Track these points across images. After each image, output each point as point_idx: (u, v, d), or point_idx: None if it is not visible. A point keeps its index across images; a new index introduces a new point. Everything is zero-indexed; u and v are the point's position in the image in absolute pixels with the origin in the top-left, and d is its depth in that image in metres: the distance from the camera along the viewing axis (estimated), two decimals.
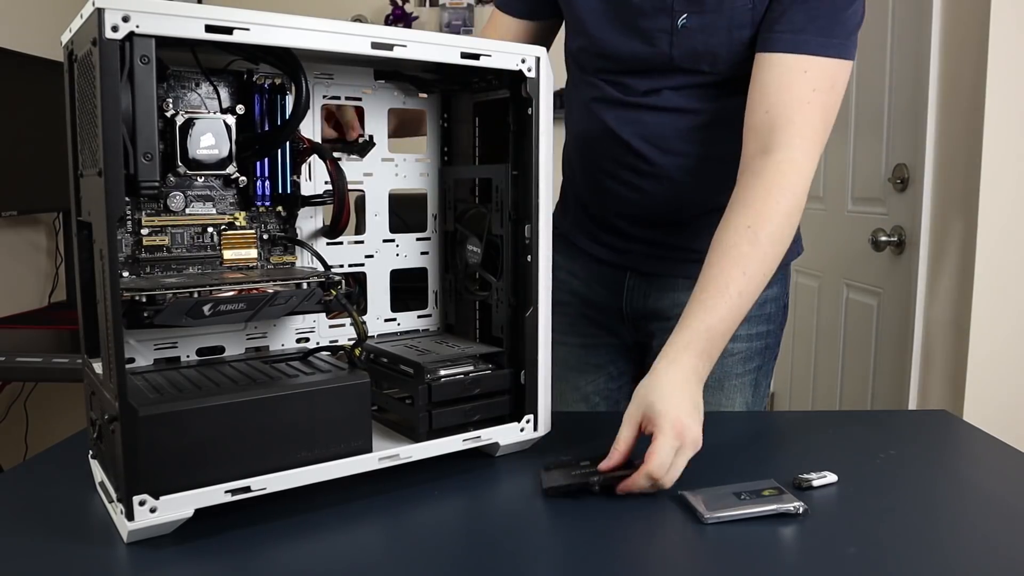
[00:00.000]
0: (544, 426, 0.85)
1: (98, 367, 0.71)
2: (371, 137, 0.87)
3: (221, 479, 0.66)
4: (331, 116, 0.88)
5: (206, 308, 0.69)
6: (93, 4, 0.59)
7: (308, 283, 0.74)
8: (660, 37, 0.96)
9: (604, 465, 0.75)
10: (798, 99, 0.90)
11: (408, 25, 2.84)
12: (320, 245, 0.86)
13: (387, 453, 0.75)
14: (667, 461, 0.73)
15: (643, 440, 0.76)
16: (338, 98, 0.86)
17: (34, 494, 0.74)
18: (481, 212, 0.88)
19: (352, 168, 0.87)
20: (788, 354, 2.70)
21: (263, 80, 0.79)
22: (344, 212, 0.83)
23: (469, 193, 0.92)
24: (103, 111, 0.59)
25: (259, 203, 0.81)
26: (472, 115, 0.91)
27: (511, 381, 0.84)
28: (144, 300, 0.66)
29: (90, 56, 0.61)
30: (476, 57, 0.77)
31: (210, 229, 0.79)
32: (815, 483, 0.76)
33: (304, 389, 0.70)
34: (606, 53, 1.01)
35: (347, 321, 0.87)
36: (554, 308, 0.86)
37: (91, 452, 0.77)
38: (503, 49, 0.78)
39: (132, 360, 0.76)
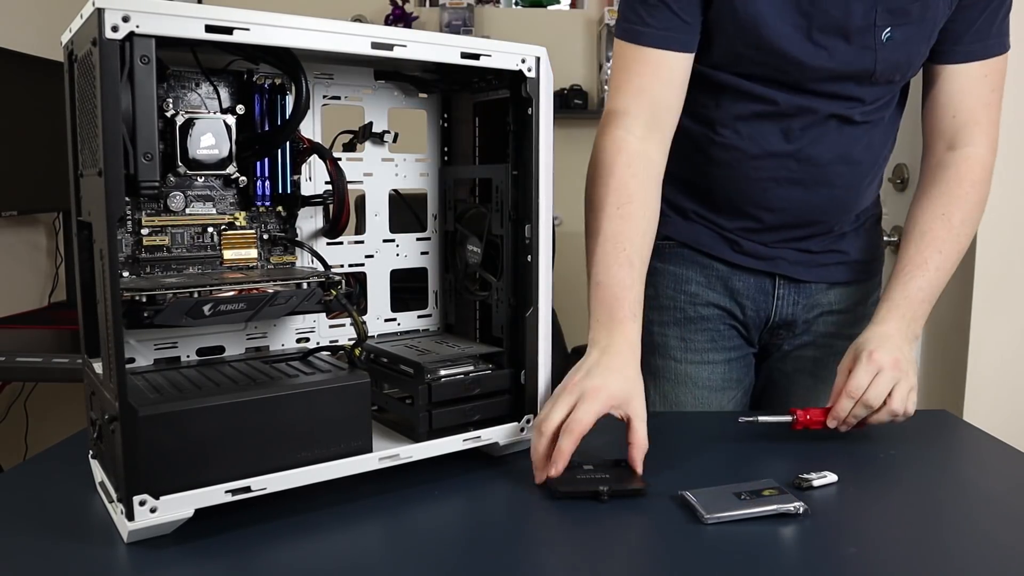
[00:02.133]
0: None
1: (98, 367, 0.71)
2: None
3: (221, 479, 0.66)
4: None
5: (206, 308, 0.69)
6: (93, 4, 0.59)
7: (308, 283, 0.74)
8: (864, 54, 0.94)
9: (832, 416, 0.87)
10: (981, 102, 0.98)
11: (408, 25, 2.84)
12: (320, 245, 0.86)
13: (387, 453, 0.75)
14: (884, 391, 0.84)
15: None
16: (338, 98, 0.86)
17: (34, 494, 0.74)
18: (481, 212, 0.88)
19: (352, 168, 0.87)
20: None
21: (263, 80, 0.79)
22: (344, 212, 0.83)
23: (469, 193, 0.92)
24: (103, 111, 0.59)
25: (259, 203, 0.81)
26: (472, 115, 0.91)
27: (511, 381, 0.84)
28: (144, 300, 0.66)
29: (90, 56, 0.61)
30: (476, 57, 0.77)
31: (210, 229, 0.79)
32: (815, 483, 0.76)
33: (304, 389, 0.70)
34: (798, 68, 0.95)
35: (347, 321, 0.87)
36: (691, 325, 0.86)
37: (91, 452, 0.77)
38: (503, 49, 0.78)
39: (132, 360, 0.76)
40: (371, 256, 0.90)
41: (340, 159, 0.85)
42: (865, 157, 1.02)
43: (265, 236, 0.82)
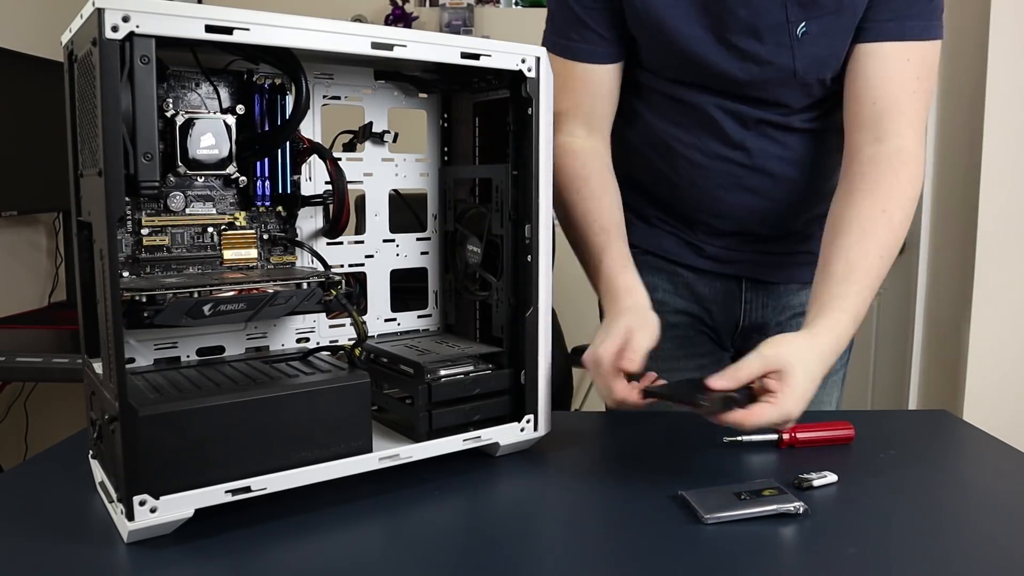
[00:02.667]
0: (544, 426, 0.85)
1: (98, 367, 0.71)
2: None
3: (221, 479, 0.66)
4: None
5: (206, 308, 0.69)
6: (93, 4, 0.59)
7: (308, 283, 0.74)
8: (781, 53, 0.91)
9: (715, 383, 0.74)
10: (904, 89, 0.89)
11: (408, 25, 2.84)
12: (320, 245, 0.86)
13: (387, 453, 0.75)
14: (777, 419, 0.74)
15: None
16: (338, 98, 0.86)
17: (34, 494, 0.74)
18: (481, 212, 0.88)
19: (352, 168, 0.87)
20: None
21: (263, 80, 0.79)
22: (344, 212, 0.83)
23: (469, 193, 0.92)
24: (103, 111, 0.59)
25: (259, 203, 0.81)
26: (472, 115, 0.91)
27: (511, 381, 0.84)
28: (144, 300, 0.66)
29: (90, 56, 0.61)
30: (476, 57, 0.77)
31: (210, 229, 0.79)
32: (815, 483, 0.76)
33: (304, 389, 0.70)
34: (719, 76, 0.93)
35: (347, 321, 0.87)
36: (660, 333, 0.84)
37: (91, 452, 0.77)
38: (503, 49, 0.78)
39: (132, 360, 0.76)
40: (371, 256, 0.90)
41: (340, 159, 0.85)
42: (821, 161, 0.99)
43: (265, 236, 0.82)
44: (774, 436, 0.86)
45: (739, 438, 0.86)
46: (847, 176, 0.91)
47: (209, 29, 0.63)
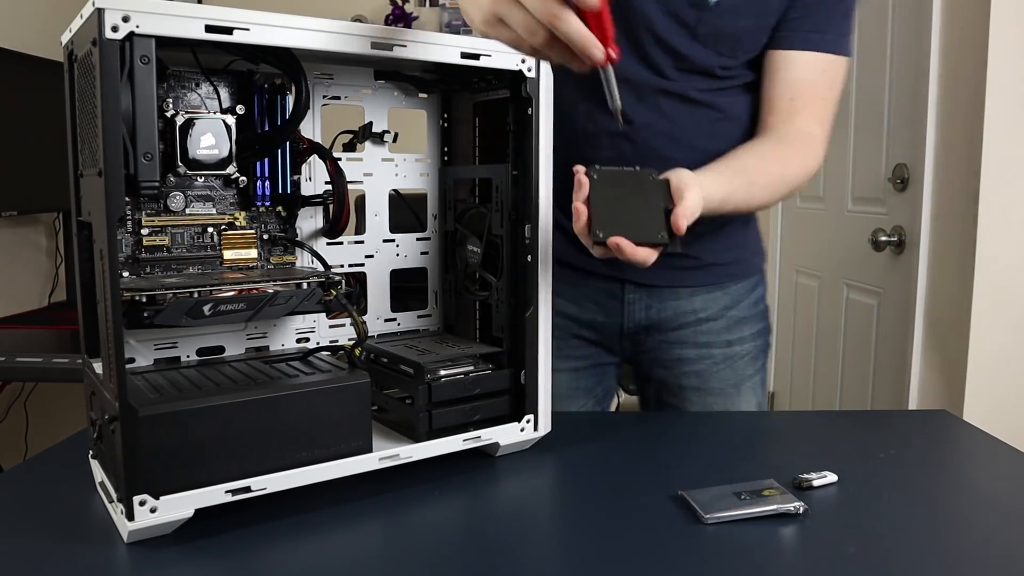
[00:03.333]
0: (544, 426, 0.85)
1: (98, 367, 0.71)
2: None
3: (221, 479, 0.66)
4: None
5: (206, 308, 0.69)
6: (93, 4, 0.59)
7: (308, 283, 0.74)
8: (688, 12, 0.92)
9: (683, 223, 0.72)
10: (818, 96, 0.98)
11: (408, 25, 2.84)
12: (320, 245, 0.86)
13: (387, 453, 0.75)
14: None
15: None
16: (338, 98, 0.86)
17: (34, 494, 0.74)
18: (481, 212, 0.88)
19: (352, 168, 0.87)
20: (788, 354, 2.70)
21: (263, 80, 0.79)
22: (344, 212, 0.83)
23: (469, 193, 0.92)
24: (103, 111, 0.59)
25: (259, 203, 0.81)
26: (472, 115, 0.91)
27: (511, 381, 0.84)
28: (144, 300, 0.66)
29: (90, 56, 0.61)
30: (476, 57, 0.77)
31: (210, 229, 0.79)
32: (815, 483, 0.76)
33: (304, 389, 0.70)
34: (642, 18, 0.94)
35: (347, 321, 0.87)
36: None
37: (91, 452, 0.77)
38: (503, 49, 0.78)
39: (132, 360, 0.76)
40: (371, 256, 0.90)
41: (340, 159, 0.85)
42: (710, 147, 0.97)
43: (265, 236, 0.82)
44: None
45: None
46: (755, 136, 0.98)
47: (209, 29, 0.63)
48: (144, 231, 0.75)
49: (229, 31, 0.64)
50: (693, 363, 1.09)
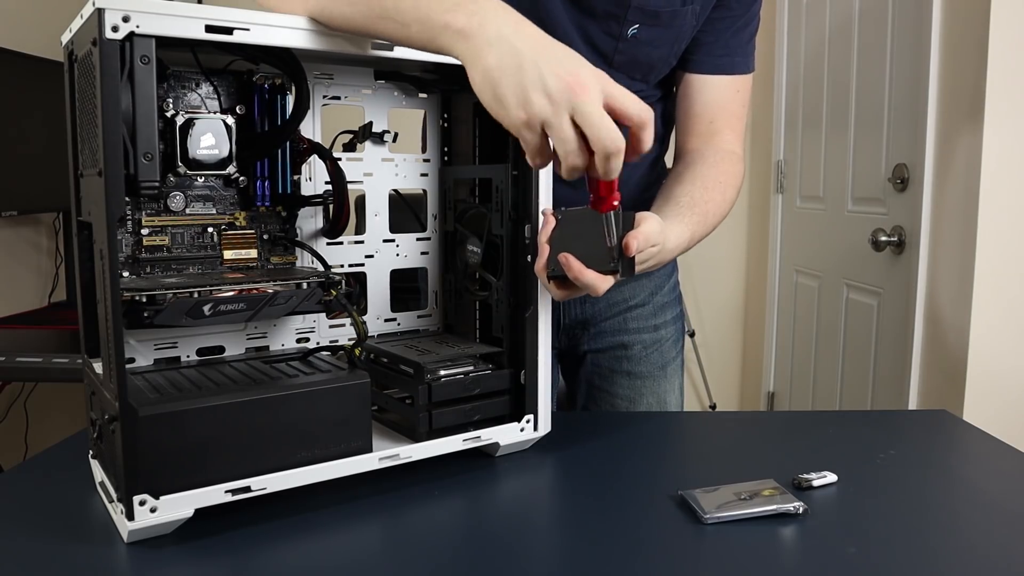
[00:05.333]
0: (544, 426, 0.85)
1: (98, 367, 0.71)
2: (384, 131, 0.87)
3: (221, 479, 0.66)
4: None
5: (206, 308, 0.69)
6: (93, 4, 0.59)
7: (308, 283, 0.74)
8: (605, 41, 0.95)
9: (632, 248, 0.72)
10: (734, 114, 1.05)
11: None
12: (320, 245, 0.86)
13: (387, 453, 0.75)
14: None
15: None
16: (338, 98, 0.86)
17: (34, 494, 0.74)
18: (481, 212, 0.88)
19: (352, 168, 0.87)
20: (788, 354, 2.70)
21: (263, 80, 0.79)
22: (344, 212, 0.83)
23: (469, 193, 0.92)
24: (103, 111, 0.59)
25: (259, 203, 0.81)
26: (472, 115, 0.90)
27: (511, 381, 0.84)
28: (144, 300, 0.66)
29: (90, 56, 0.61)
30: None
31: (210, 229, 0.79)
32: (815, 483, 0.76)
33: (304, 389, 0.70)
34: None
35: (347, 321, 0.87)
36: None
37: (91, 452, 0.77)
38: None
39: (132, 360, 0.76)
40: (371, 256, 0.90)
41: (340, 159, 0.85)
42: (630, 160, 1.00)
43: (265, 236, 0.82)
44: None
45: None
46: (683, 160, 1.02)
47: (209, 29, 0.63)
48: (144, 231, 0.75)
49: (229, 31, 0.64)
50: (625, 349, 1.15)
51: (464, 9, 0.62)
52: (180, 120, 0.74)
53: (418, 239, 0.93)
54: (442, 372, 0.80)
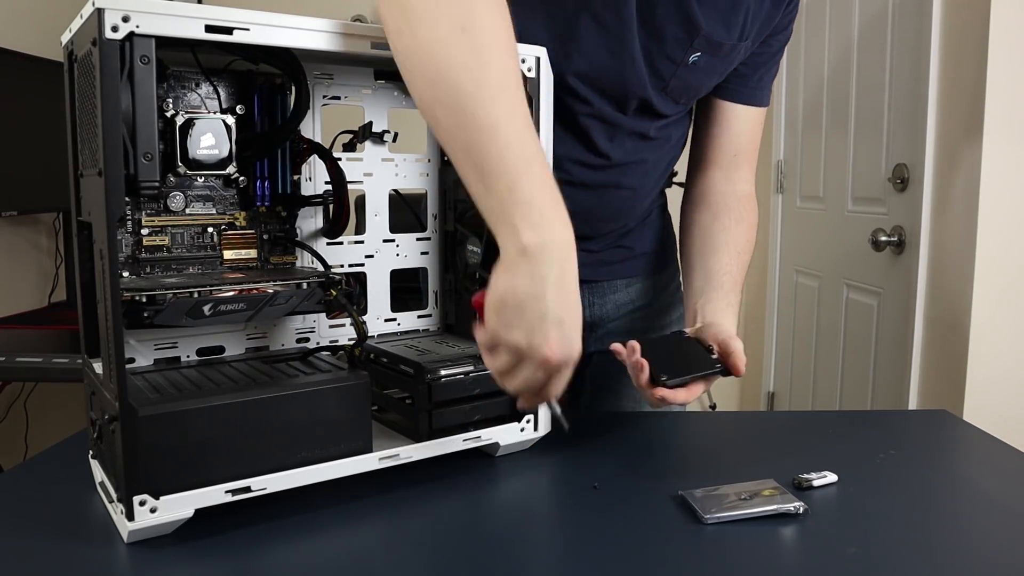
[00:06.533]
0: (544, 426, 0.85)
1: (98, 367, 0.71)
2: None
3: (221, 479, 0.66)
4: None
5: (206, 308, 0.69)
6: (93, 4, 0.59)
7: (308, 283, 0.74)
8: (666, 66, 0.94)
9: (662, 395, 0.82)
10: (753, 144, 1.09)
11: None
12: (320, 245, 0.86)
13: (387, 453, 0.75)
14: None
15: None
16: (338, 98, 0.86)
17: (34, 494, 0.74)
18: None
19: (352, 168, 0.87)
20: (788, 354, 2.70)
21: (263, 80, 0.79)
22: (344, 212, 0.83)
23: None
24: (103, 111, 0.59)
25: (259, 203, 0.81)
26: None
27: None
28: (144, 300, 0.66)
29: (90, 56, 0.61)
30: None
31: (210, 229, 0.79)
32: (815, 483, 0.76)
33: (304, 389, 0.70)
34: (598, 74, 0.93)
35: (347, 321, 0.87)
36: None
37: (91, 452, 0.77)
38: None
39: (132, 360, 0.76)
40: (371, 256, 0.90)
41: (340, 159, 0.85)
42: (653, 171, 1.05)
43: (265, 236, 0.82)
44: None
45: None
46: (707, 204, 1.07)
47: (209, 29, 0.63)
48: (144, 231, 0.75)
49: (229, 31, 0.64)
50: None
51: (534, 223, 0.62)
52: (180, 120, 0.74)
53: (418, 239, 0.93)
54: (442, 372, 0.80)
